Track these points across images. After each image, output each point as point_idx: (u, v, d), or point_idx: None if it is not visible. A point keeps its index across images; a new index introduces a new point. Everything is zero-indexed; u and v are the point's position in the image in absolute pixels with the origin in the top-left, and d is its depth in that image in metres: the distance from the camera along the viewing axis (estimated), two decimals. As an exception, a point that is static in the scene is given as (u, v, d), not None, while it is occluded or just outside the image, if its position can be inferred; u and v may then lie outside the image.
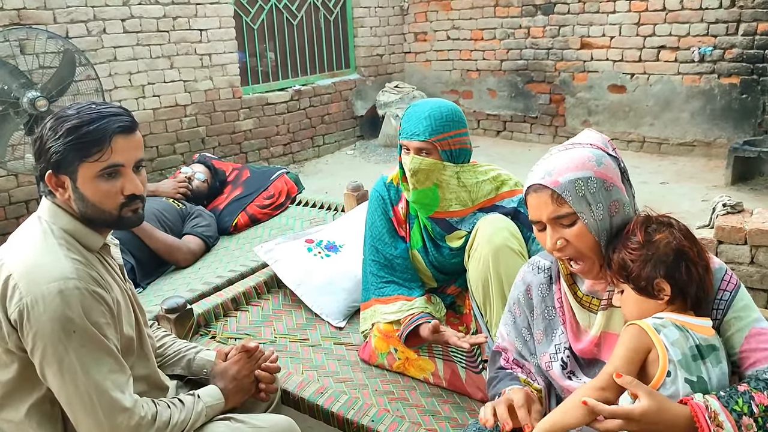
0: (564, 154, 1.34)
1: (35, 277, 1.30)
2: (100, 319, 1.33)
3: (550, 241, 1.32)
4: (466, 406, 1.91)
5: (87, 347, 1.30)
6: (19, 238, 1.40)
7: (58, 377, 1.30)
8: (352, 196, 3.10)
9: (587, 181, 1.28)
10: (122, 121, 1.38)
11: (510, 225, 1.94)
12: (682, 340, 1.18)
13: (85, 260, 1.38)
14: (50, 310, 1.27)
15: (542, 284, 1.47)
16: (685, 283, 1.22)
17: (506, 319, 1.57)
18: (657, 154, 6.08)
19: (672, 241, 1.23)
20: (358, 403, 1.88)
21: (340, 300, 2.44)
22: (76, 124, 1.35)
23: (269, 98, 6.17)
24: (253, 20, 6.04)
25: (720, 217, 3.06)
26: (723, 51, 5.53)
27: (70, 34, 4.53)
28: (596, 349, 1.37)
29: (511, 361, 1.54)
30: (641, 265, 1.23)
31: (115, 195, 1.39)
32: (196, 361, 1.76)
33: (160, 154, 5.32)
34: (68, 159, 1.35)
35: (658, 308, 1.24)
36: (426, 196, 2.00)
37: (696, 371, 1.17)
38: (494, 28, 6.86)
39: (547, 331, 1.46)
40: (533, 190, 1.33)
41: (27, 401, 1.37)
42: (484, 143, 6.90)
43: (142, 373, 1.51)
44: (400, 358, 2.08)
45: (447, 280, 2.19)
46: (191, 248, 3.02)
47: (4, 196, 4.39)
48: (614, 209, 1.30)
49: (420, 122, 1.95)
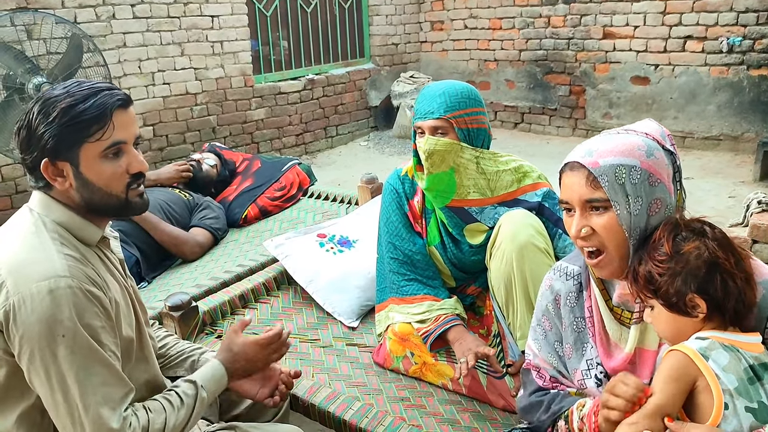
0: (614, 136, 1.24)
1: (24, 274, 1.20)
2: (94, 322, 1.23)
3: (576, 227, 1.22)
4: (486, 414, 1.83)
5: (77, 354, 1.20)
6: (9, 231, 1.30)
7: (46, 385, 1.21)
8: (367, 189, 3.02)
9: (630, 170, 1.17)
10: (119, 94, 1.30)
11: (535, 221, 1.86)
12: (735, 363, 1.08)
13: (80, 256, 1.28)
14: (38, 311, 1.17)
15: (571, 293, 1.36)
16: (722, 298, 1.11)
17: (535, 333, 1.44)
18: (681, 148, 5.91)
19: (704, 252, 1.12)
20: (372, 411, 1.79)
21: (353, 298, 2.37)
22: (71, 103, 1.24)
23: (282, 87, 6.11)
24: (266, 7, 5.98)
25: (755, 215, 2.96)
26: (753, 41, 5.38)
27: (78, 19, 4.46)
28: (631, 367, 1.26)
29: (548, 380, 1.42)
30: (670, 279, 1.12)
31: (121, 175, 1.31)
32: (200, 363, 1.64)
33: (169, 143, 5.26)
34: (66, 142, 1.25)
35: (694, 326, 1.14)
36: (441, 181, 1.91)
37: (756, 396, 1.07)
38: (513, 17, 6.75)
39: (576, 345, 1.35)
40: (569, 168, 1.23)
41: (16, 410, 1.28)
42: (501, 135, 6.81)
43: (142, 378, 1.42)
44: (416, 362, 2.00)
45: (466, 279, 2.11)
46: (199, 241, 2.95)
47: (11, 184, 4.34)
48: (655, 208, 1.19)
49: (434, 99, 1.88)
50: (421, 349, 1.98)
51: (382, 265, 2.13)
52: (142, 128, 5.00)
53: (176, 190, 3.22)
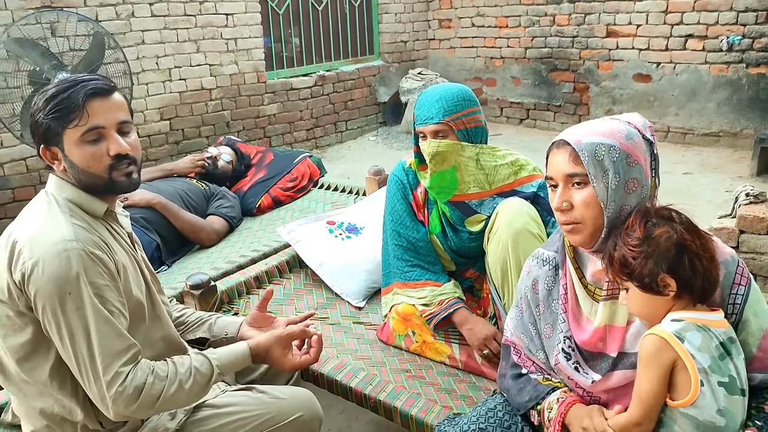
0: (599, 121, 1.33)
1: (38, 241, 1.35)
2: (99, 280, 1.36)
3: (557, 200, 1.31)
4: (481, 385, 1.94)
5: (81, 310, 1.34)
6: (27, 211, 1.46)
7: (57, 338, 1.35)
8: (374, 180, 3.13)
9: (610, 148, 1.25)
10: (94, 84, 1.42)
11: (530, 209, 1.95)
12: (707, 341, 1.17)
13: (87, 225, 1.42)
14: (49, 270, 1.32)
15: (548, 277, 1.45)
16: (690, 277, 1.19)
17: (513, 313, 1.55)
18: (681, 144, 6.03)
19: (673, 235, 1.20)
20: (376, 380, 1.92)
21: (360, 280, 2.48)
22: (53, 94, 1.40)
23: (293, 83, 6.22)
24: (278, 5, 6.09)
25: (743, 206, 3.05)
26: (752, 40, 5.46)
27: (100, 18, 4.61)
28: (601, 344, 1.35)
29: (523, 355, 1.52)
30: (643, 262, 1.20)
31: (101, 157, 1.42)
32: (217, 324, 1.80)
33: (185, 136, 5.40)
34: (52, 129, 1.40)
35: (666, 304, 1.22)
36: (444, 179, 2.01)
37: (726, 371, 1.17)
38: (519, 15, 6.83)
39: (555, 325, 1.42)
40: (556, 146, 1.33)
41: (47, 363, 1.41)
42: (507, 131, 6.89)
43: (157, 335, 1.55)
44: (417, 341, 2.11)
45: (465, 264, 2.20)
46: (215, 228, 3.09)
47: (35, 175, 4.52)
48: (632, 186, 1.27)
49: (432, 105, 1.97)
50: (421, 329, 2.09)
51: (386, 252, 2.22)
52: (159, 122, 5.16)
53: (194, 180, 3.36)
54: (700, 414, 1.15)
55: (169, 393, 1.42)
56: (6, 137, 4.25)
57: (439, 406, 1.80)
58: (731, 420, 1.16)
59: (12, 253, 1.36)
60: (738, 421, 1.17)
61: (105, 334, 1.35)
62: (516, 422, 1.46)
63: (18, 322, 1.38)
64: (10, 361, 1.42)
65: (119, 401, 1.35)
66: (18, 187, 4.45)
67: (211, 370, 1.51)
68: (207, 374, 1.50)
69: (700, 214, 4.06)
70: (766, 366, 1.24)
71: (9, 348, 1.40)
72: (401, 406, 1.80)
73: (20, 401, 1.48)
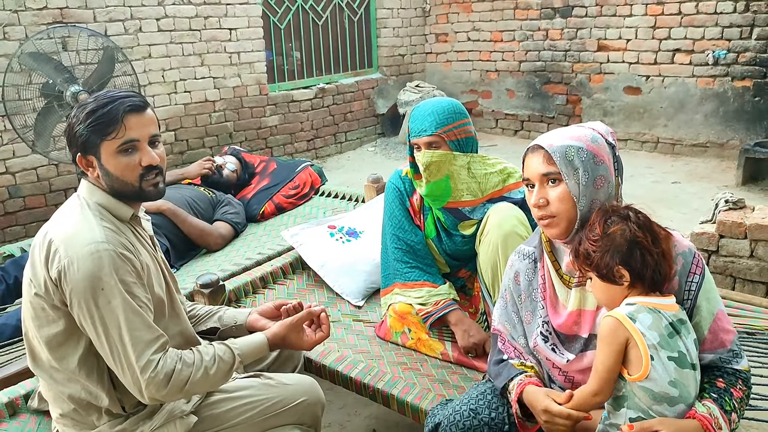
0: (567, 128, 1.50)
1: (72, 241, 1.46)
2: (127, 278, 1.48)
3: (534, 198, 1.44)
4: (472, 376, 2.04)
5: (113, 304, 1.44)
6: (61, 212, 1.59)
7: (92, 331, 1.46)
8: (373, 187, 3.24)
9: (578, 150, 1.41)
10: (131, 101, 1.54)
11: (519, 213, 2.06)
12: (657, 321, 1.30)
13: (115, 228, 1.54)
14: (83, 269, 1.42)
15: (528, 270, 1.58)
16: (641, 269, 1.32)
17: (499, 303, 1.69)
18: (670, 154, 6.15)
19: (626, 232, 1.33)
20: (374, 371, 2.03)
21: (359, 281, 2.59)
22: (93, 108, 1.53)
23: (294, 95, 6.32)
24: (280, 20, 6.20)
25: (722, 212, 3.15)
26: (737, 54, 5.59)
27: (109, 32, 4.74)
28: (576, 327, 1.48)
29: (507, 343, 1.65)
30: (601, 254, 1.34)
31: (134, 167, 1.54)
32: (226, 314, 1.92)
33: (189, 147, 5.50)
34: (91, 140, 1.52)
35: (622, 292, 1.35)
36: (438, 188, 2.13)
37: (675, 347, 1.29)
38: (513, 30, 6.95)
39: (534, 312, 1.56)
40: (531, 150, 1.48)
41: (76, 353, 1.51)
42: (502, 142, 6.99)
43: (176, 330, 1.67)
44: (412, 338, 2.21)
45: (459, 266, 2.32)
46: (221, 233, 3.20)
47: (45, 184, 4.62)
48: (600, 183, 1.41)
49: (425, 119, 2.09)
50: (417, 327, 2.19)
51: (386, 255, 2.32)
52: (164, 133, 5.25)
53: (201, 188, 3.48)
54: (654, 386, 1.29)
55: (196, 378, 1.53)
56: (18, 147, 4.36)
57: (433, 394, 1.91)
58: (684, 391, 1.30)
59: (48, 252, 1.47)
60: (691, 392, 1.32)
61: (136, 326, 1.46)
62: (503, 404, 1.58)
63: (52, 314, 1.49)
64: (42, 349, 1.53)
65: (152, 386, 1.47)
66: (29, 196, 4.55)
67: (233, 358, 1.62)
68: (229, 362, 1.61)
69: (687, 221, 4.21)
70: (714, 347, 1.38)
71: (42, 337, 1.52)
72: (398, 394, 1.91)
73: (50, 386, 1.59)
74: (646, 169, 5.71)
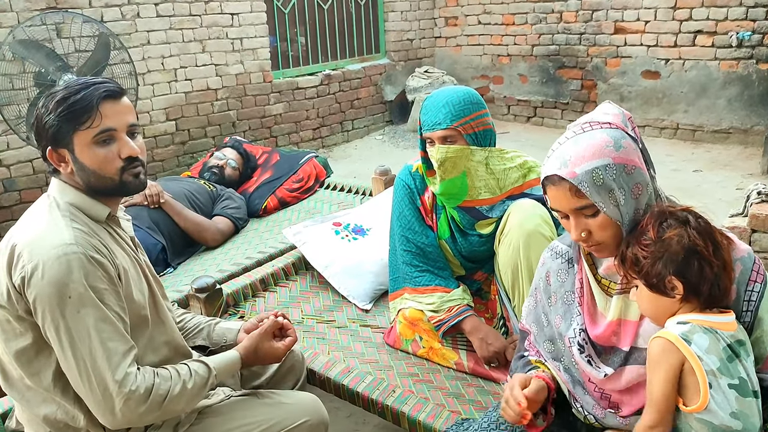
0: (580, 138, 1.27)
1: (38, 245, 1.34)
2: (99, 284, 1.36)
3: (575, 233, 1.30)
4: (490, 389, 1.93)
5: (82, 313, 1.33)
6: (28, 214, 1.46)
7: (56, 343, 1.34)
8: (380, 180, 3.12)
9: (605, 169, 1.22)
10: (107, 87, 1.43)
11: (542, 211, 1.93)
12: (714, 344, 1.16)
13: (88, 230, 1.41)
14: (48, 275, 1.31)
15: (561, 270, 1.45)
16: (698, 282, 1.18)
17: (528, 303, 1.57)
18: (691, 141, 5.98)
19: (684, 239, 1.18)
20: (383, 384, 1.90)
21: (366, 283, 2.48)
22: (64, 96, 1.40)
23: (299, 82, 6.22)
24: (284, 4, 6.09)
25: (754, 205, 3.00)
26: (762, 36, 5.41)
27: (105, 18, 4.61)
28: (615, 338, 1.35)
29: (532, 342, 1.55)
30: (652, 262, 1.20)
31: (112, 159, 1.43)
32: (215, 331, 1.80)
33: (191, 137, 5.40)
34: (62, 131, 1.40)
35: (672, 305, 1.22)
36: (454, 186, 1.99)
37: (736, 373, 1.16)
38: (526, 12, 6.81)
39: (566, 316, 1.43)
40: (551, 182, 1.29)
41: (49, 368, 1.40)
42: (514, 129, 6.88)
43: (162, 339, 1.55)
44: (424, 346, 2.09)
45: (474, 269, 2.19)
46: (220, 228, 3.10)
47: (42, 177, 4.51)
48: (637, 191, 1.26)
49: (439, 111, 1.94)
50: (429, 334, 2.08)
51: (394, 257, 2.20)
52: (164, 123, 5.16)
53: (201, 180, 3.37)
54: (714, 418, 1.14)
55: (175, 393, 1.42)
56: (12, 139, 4.25)
57: (447, 411, 1.79)
58: (747, 423, 1.14)
59: (11, 257, 1.35)
60: (756, 424, 1.16)
61: (110, 336, 1.35)
62: None
63: (18, 326, 1.37)
64: (14, 366, 1.41)
65: (130, 402, 1.35)
66: (24, 189, 4.45)
67: (209, 372, 1.52)
68: (205, 376, 1.51)
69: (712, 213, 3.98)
70: None
71: (11, 353, 1.40)
72: (409, 411, 1.78)
73: (23, 408, 1.47)
74: (666, 157, 5.54)
